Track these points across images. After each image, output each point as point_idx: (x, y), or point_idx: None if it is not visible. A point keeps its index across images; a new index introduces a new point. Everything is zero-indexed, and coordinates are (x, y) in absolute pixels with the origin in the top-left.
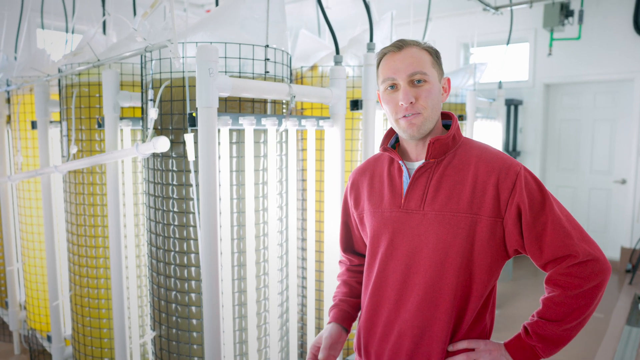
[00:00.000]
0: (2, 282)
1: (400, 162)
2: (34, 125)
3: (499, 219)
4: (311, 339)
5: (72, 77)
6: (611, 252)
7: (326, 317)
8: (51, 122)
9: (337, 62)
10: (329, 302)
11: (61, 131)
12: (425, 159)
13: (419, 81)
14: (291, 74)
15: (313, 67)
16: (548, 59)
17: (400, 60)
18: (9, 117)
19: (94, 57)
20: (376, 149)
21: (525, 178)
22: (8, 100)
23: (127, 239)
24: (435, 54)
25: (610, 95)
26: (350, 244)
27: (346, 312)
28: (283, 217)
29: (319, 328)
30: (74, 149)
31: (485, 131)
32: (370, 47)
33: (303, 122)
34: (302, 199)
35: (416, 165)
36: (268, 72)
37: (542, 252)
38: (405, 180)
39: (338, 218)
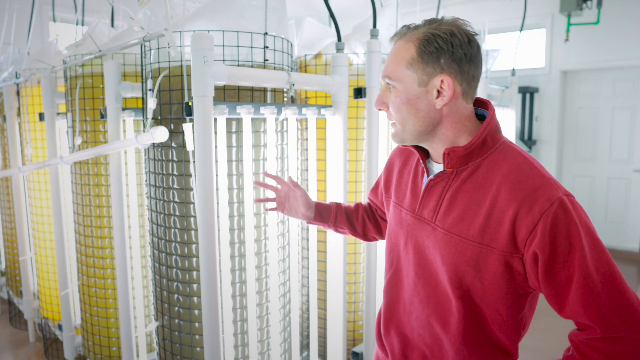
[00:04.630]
0: (16, 271)
1: (423, 161)
2: (41, 117)
3: (517, 255)
4: (314, 329)
5: (76, 69)
6: (630, 243)
7: (329, 308)
8: (58, 113)
9: (339, 49)
10: (332, 292)
11: (67, 122)
12: (444, 168)
13: (390, 86)
14: (294, 62)
15: (317, 55)
16: (565, 45)
17: (388, 56)
18: (18, 109)
19: (96, 48)
20: (381, 138)
21: (554, 219)
22: (18, 93)
23: (131, 230)
24: (424, 47)
25: (630, 81)
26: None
27: (330, 207)
28: None
29: (322, 318)
30: (78, 140)
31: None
32: (374, 34)
33: (304, 110)
34: (305, 189)
35: (436, 168)
36: (267, 60)
37: (561, 309)
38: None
39: None
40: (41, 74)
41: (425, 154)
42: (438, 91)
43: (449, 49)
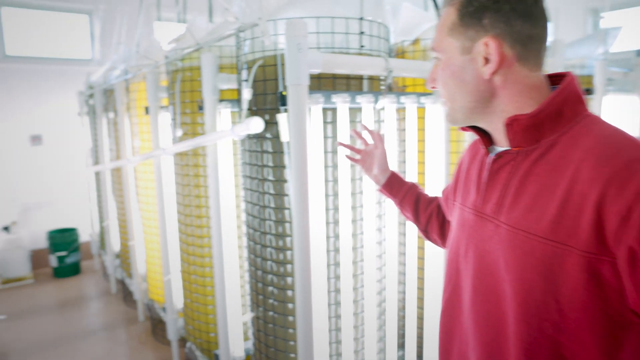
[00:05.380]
0: (128, 255)
1: (485, 147)
2: (147, 110)
3: (606, 258)
4: (411, 328)
5: (177, 63)
6: None
7: (427, 306)
8: (162, 107)
9: None
10: (429, 289)
11: (170, 115)
12: (509, 146)
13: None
14: (390, 49)
15: (415, 41)
16: None
17: None
18: (128, 104)
19: (194, 42)
20: None
21: None
22: (127, 89)
23: (227, 220)
24: (464, 8)
25: None
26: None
27: (404, 184)
28: (382, 200)
29: (420, 318)
30: (179, 132)
31: (619, 107)
32: None
33: (402, 99)
34: None
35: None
36: (363, 46)
37: None
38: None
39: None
40: (146, 69)
41: (490, 140)
42: (485, 58)
43: (492, 5)
